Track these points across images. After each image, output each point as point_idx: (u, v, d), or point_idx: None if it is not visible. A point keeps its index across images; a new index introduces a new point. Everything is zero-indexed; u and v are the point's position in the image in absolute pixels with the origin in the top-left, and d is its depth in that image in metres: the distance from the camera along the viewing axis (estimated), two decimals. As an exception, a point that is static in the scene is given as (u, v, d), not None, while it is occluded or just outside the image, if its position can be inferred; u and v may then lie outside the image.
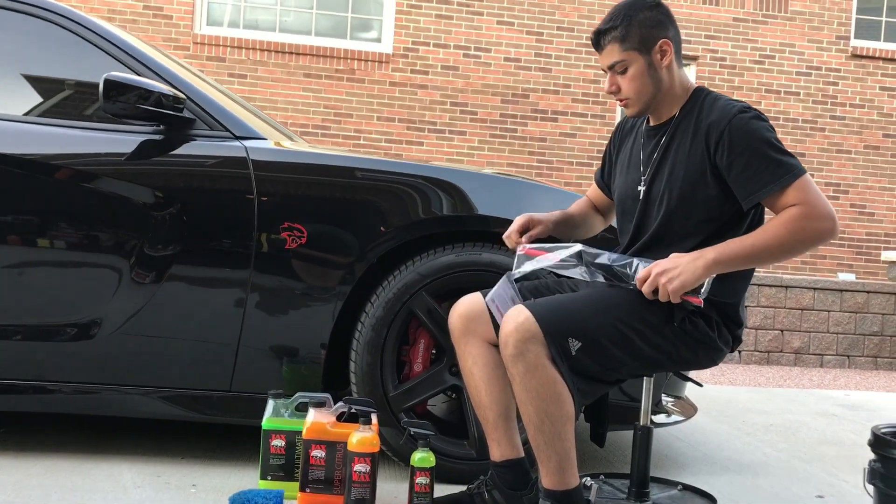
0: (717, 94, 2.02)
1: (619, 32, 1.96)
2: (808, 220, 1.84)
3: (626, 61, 1.97)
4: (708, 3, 8.57)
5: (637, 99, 2.01)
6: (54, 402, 2.45)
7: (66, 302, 2.41)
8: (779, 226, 1.85)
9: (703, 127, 1.95)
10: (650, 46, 1.96)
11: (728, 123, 1.90)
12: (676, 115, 2.03)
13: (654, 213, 2.04)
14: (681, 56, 2.04)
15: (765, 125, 1.91)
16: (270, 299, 2.45)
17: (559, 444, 1.86)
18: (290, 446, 2.24)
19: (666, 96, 2.02)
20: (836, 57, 8.74)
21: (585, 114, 8.41)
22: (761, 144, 1.88)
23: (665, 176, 2.01)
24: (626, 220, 2.14)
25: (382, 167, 2.55)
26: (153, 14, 7.85)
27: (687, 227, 1.98)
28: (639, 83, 1.98)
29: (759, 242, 1.85)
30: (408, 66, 8.20)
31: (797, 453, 3.28)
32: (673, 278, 1.82)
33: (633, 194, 2.10)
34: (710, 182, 1.94)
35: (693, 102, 2.02)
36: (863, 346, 6.35)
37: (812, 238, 1.85)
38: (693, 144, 1.97)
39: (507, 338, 1.84)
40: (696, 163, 1.95)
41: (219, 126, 2.51)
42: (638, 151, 2.12)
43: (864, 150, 8.79)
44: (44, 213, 2.43)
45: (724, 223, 1.97)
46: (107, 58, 2.54)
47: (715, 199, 1.95)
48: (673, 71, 2.01)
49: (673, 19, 2.01)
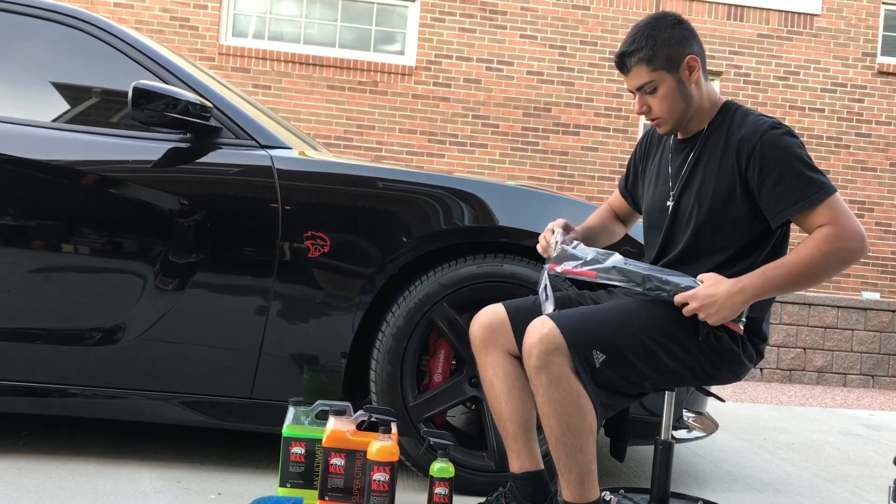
0: (748, 109, 2.01)
1: (646, 53, 1.94)
2: (840, 241, 1.83)
3: (654, 82, 1.96)
4: (732, 19, 8.54)
5: (669, 117, 2.00)
6: (77, 406, 2.47)
7: (90, 307, 2.44)
8: (812, 248, 1.84)
9: (733, 142, 1.94)
10: (678, 64, 1.95)
11: (759, 140, 1.89)
12: (706, 130, 2.02)
13: (682, 227, 2.03)
14: (706, 70, 2.04)
15: (796, 142, 1.90)
16: (292, 307, 2.46)
17: (581, 456, 1.85)
18: (309, 454, 2.24)
19: (696, 112, 2.01)
20: (861, 74, 8.68)
21: (608, 128, 8.40)
22: (792, 161, 1.87)
23: (694, 191, 2.00)
24: (653, 233, 2.14)
25: (405, 177, 2.56)
26: (179, 25, 7.94)
27: (715, 242, 1.98)
28: (670, 102, 1.98)
29: (794, 268, 1.85)
30: (430, 78, 8.23)
31: (820, 472, 3.24)
32: (712, 314, 1.84)
33: (661, 208, 2.09)
34: (740, 198, 1.93)
35: (723, 117, 2.01)
36: (887, 366, 6.27)
37: (844, 259, 1.85)
38: (723, 159, 1.96)
39: (531, 349, 1.83)
40: (726, 178, 1.95)
41: (244, 135, 2.54)
42: (666, 165, 2.11)
43: (890, 168, 8.71)
44: (71, 218, 2.46)
45: (752, 239, 1.96)
46: (135, 66, 2.57)
47: (744, 216, 1.94)
48: (701, 86, 2.00)
49: (696, 34, 2.01)
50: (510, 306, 2.09)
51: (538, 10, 8.34)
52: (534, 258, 2.52)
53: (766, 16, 8.57)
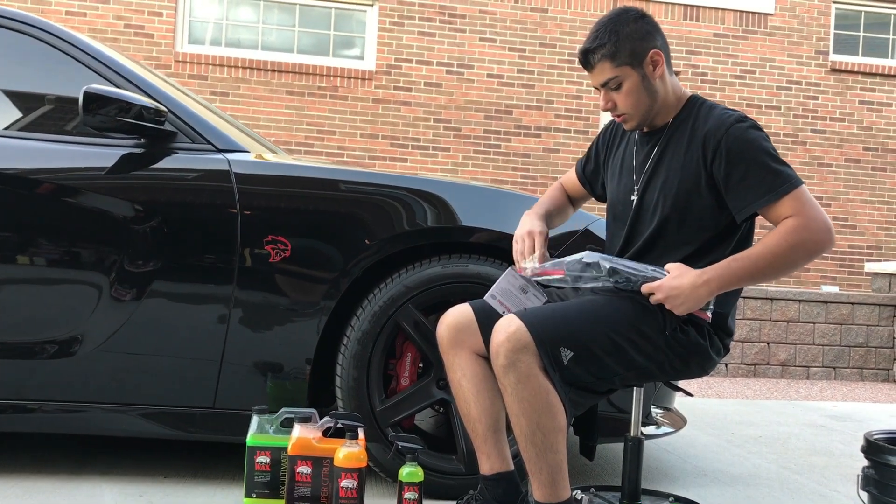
0: (713, 103, 2.01)
1: (609, 49, 1.93)
2: (806, 232, 1.83)
3: (619, 77, 1.94)
4: (689, 19, 8.64)
5: (635, 113, 1.99)
6: (34, 422, 2.39)
7: (44, 319, 2.36)
8: (778, 240, 1.84)
9: (698, 135, 1.94)
10: (641, 59, 1.94)
11: (725, 133, 1.88)
12: (671, 123, 2.02)
13: (646, 220, 2.02)
14: (671, 64, 2.03)
15: (762, 135, 1.90)
16: (254, 314, 2.41)
17: (551, 455, 1.83)
18: (275, 463, 2.20)
19: (662, 106, 2.00)
20: (815, 71, 8.82)
21: (568, 129, 8.43)
22: (758, 154, 1.87)
23: (659, 184, 1.99)
24: (617, 225, 2.13)
25: (366, 179, 2.53)
26: (134, 33, 7.82)
27: (680, 236, 1.97)
28: (635, 97, 1.96)
29: (760, 259, 1.84)
30: (391, 83, 8.20)
31: (787, 464, 3.26)
32: (677, 305, 1.84)
33: (625, 200, 2.08)
34: (705, 192, 1.93)
35: (688, 111, 2.01)
36: (848, 358, 6.36)
37: (810, 250, 1.84)
38: (688, 153, 1.95)
39: (499, 348, 1.81)
40: (691, 172, 1.94)
41: (201, 139, 2.48)
42: (631, 158, 2.10)
43: (845, 164, 8.86)
44: (22, 228, 2.39)
45: (717, 233, 1.96)
46: (87, 71, 2.50)
47: (709, 210, 1.94)
48: (666, 80, 1.99)
49: (659, 28, 2.00)
50: (477, 306, 2.07)
51: (497, 14, 8.36)
52: (499, 258, 2.50)
53: (722, 15, 8.68)
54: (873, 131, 8.90)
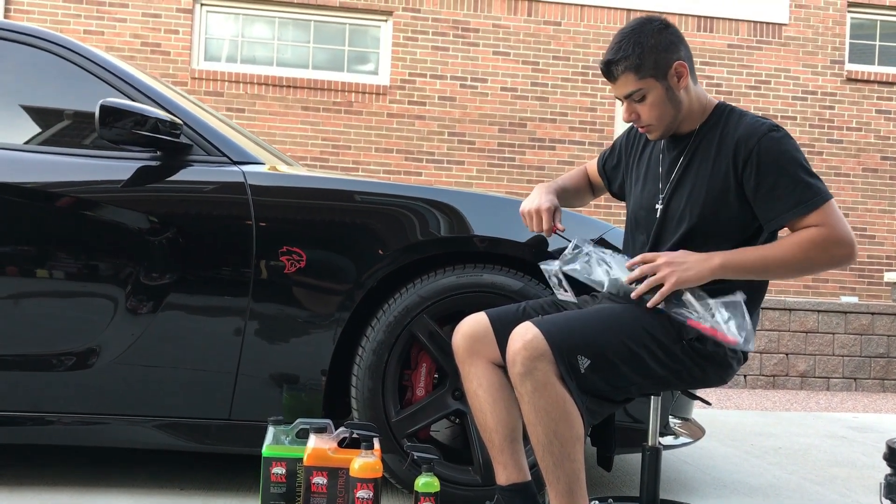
0: (743, 111, 2.00)
1: (633, 61, 1.90)
2: (827, 243, 1.83)
3: (643, 90, 1.92)
4: (703, 31, 8.63)
5: (659, 124, 1.97)
6: (52, 434, 2.40)
7: (62, 331, 2.38)
8: (795, 244, 1.84)
9: (728, 142, 1.92)
10: (666, 71, 1.92)
11: (757, 143, 1.87)
12: (698, 130, 2.00)
13: (671, 229, 2.00)
14: (695, 74, 2.00)
15: (795, 145, 1.89)
16: (269, 325, 2.41)
17: (568, 464, 1.82)
18: (290, 474, 2.19)
19: (686, 116, 1.99)
20: (831, 81, 8.78)
21: (583, 141, 8.43)
22: (790, 165, 1.86)
23: (686, 193, 1.97)
24: (638, 232, 2.10)
25: (379, 189, 2.53)
26: (151, 50, 7.90)
27: (705, 246, 1.94)
28: (659, 109, 1.95)
29: (770, 256, 1.84)
30: (405, 97, 8.24)
31: (808, 475, 3.22)
32: (675, 271, 1.83)
33: (649, 207, 2.05)
34: (733, 201, 1.92)
35: (717, 117, 1.99)
36: (869, 369, 6.29)
37: (827, 262, 1.85)
38: (717, 161, 1.93)
39: (515, 356, 1.80)
40: (720, 180, 1.92)
41: (216, 151, 2.50)
42: (656, 165, 2.08)
43: (863, 173, 8.80)
44: (41, 241, 2.41)
45: (740, 243, 1.94)
46: (103, 85, 2.53)
47: (736, 219, 1.93)
48: (690, 90, 1.97)
49: (682, 38, 1.97)
50: (493, 315, 2.06)
51: (510, 27, 8.38)
52: (514, 268, 2.50)
53: (736, 26, 8.67)
54: (891, 140, 8.84)
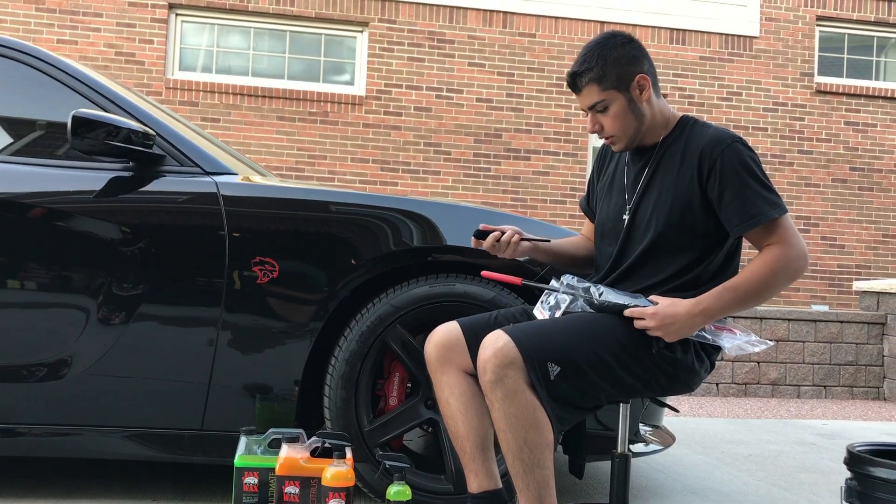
0: (706, 122, 2.05)
1: (596, 73, 1.96)
2: (788, 260, 1.90)
3: (605, 101, 1.98)
4: (675, 43, 8.74)
5: (622, 135, 2.02)
6: (24, 446, 2.39)
7: (33, 342, 2.37)
8: (763, 269, 1.90)
9: (692, 152, 1.97)
10: (628, 83, 1.98)
11: (721, 152, 1.92)
12: (661, 142, 2.04)
13: (638, 239, 2.04)
14: (658, 87, 2.06)
15: (756, 158, 1.95)
16: (242, 336, 2.42)
17: (538, 471, 1.84)
18: (263, 484, 2.19)
19: (649, 128, 2.03)
20: (801, 93, 8.92)
21: (558, 152, 8.49)
22: (749, 178, 1.91)
23: (651, 203, 2.02)
24: (605, 243, 2.14)
25: (352, 200, 2.55)
26: (125, 60, 7.87)
27: (669, 255, 1.99)
28: (622, 120, 2.00)
29: (749, 289, 1.90)
30: (381, 107, 8.26)
31: (777, 481, 3.27)
32: (671, 332, 1.88)
33: (616, 218, 2.10)
34: (698, 209, 1.96)
35: (680, 130, 2.04)
36: (838, 376, 6.38)
37: (791, 277, 1.92)
38: (681, 170, 1.98)
39: (486, 363, 1.82)
40: (684, 189, 1.97)
41: (189, 162, 2.50)
42: (622, 176, 2.12)
43: (833, 184, 8.94)
44: (12, 251, 2.40)
45: (706, 249, 1.99)
46: (76, 96, 2.53)
47: (701, 227, 1.97)
48: (653, 102, 2.02)
49: (646, 53, 2.03)
50: (465, 324, 2.08)
51: (485, 39, 8.44)
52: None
53: (708, 39, 8.79)
54: (859, 151, 8.98)
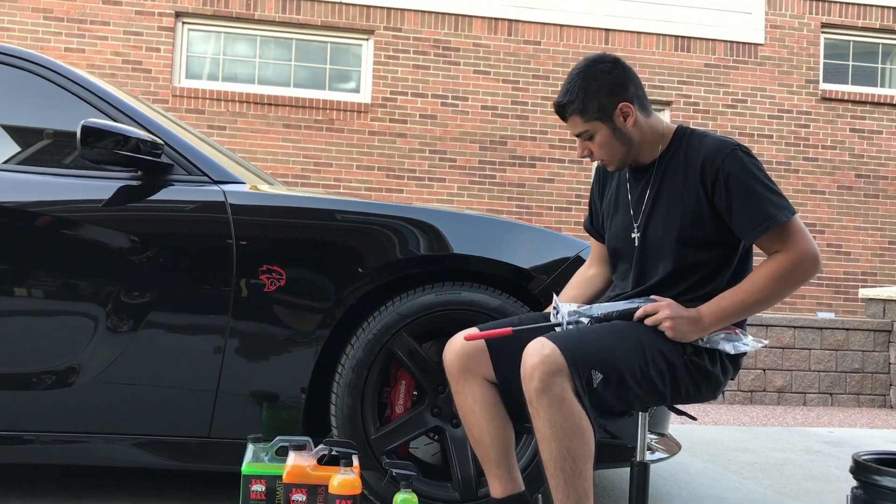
0: (703, 131, 2.05)
1: (577, 106, 1.97)
2: (794, 266, 1.90)
3: (590, 131, 1.99)
4: (680, 50, 8.75)
5: (611, 160, 2.04)
6: (32, 453, 2.40)
7: (42, 350, 2.38)
8: (768, 278, 1.90)
9: (694, 164, 1.97)
10: (611, 113, 1.98)
11: (722, 161, 1.92)
12: (660, 158, 2.04)
13: (654, 257, 2.04)
14: (646, 105, 2.05)
15: (757, 163, 1.95)
16: (249, 344, 2.43)
17: (580, 482, 1.82)
18: (270, 491, 2.20)
19: (641, 147, 2.04)
20: (806, 100, 8.93)
21: (563, 159, 8.51)
22: (755, 183, 1.91)
23: (661, 221, 2.02)
24: (622, 262, 2.14)
25: (359, 209, 2.56)
26: (132, 68, 7.91)
27: (689, 270, 2.00)
28: (608, 148, 2.01)
29: (750, 298, 1.91)
30: (386, 115, 8.28)
31: (783, 490, 3.27)
32: (678, 331, 1.89)
33: (625, 237, 2.10)
34: (708, 222, 1.97)
35: (678, 142, 2.04)
36: (845, 384, 6.37)
37: (800, 281, 1.92)
38: (686, 184, 1.98)
39: (533, 371, 1.80)
40: (692, 202, 1.97)
41: (196, 171, 2.52)
42: (625, 194, 2.12)
43: (838, 191, 8.93)
44: (22, 260, 2.41)
45: (723, 258, 2.00)
46: (85, 106, 2.54)
47: (714, 236, 1.98)
48: (641, 124, 2.02)
49: (630, 75, 2.02)
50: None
51: (490, 46, 8.47)
52: (492, 285, 2.53)
53: (713, 46, 8.80)
54: (865, 158, 8.98)
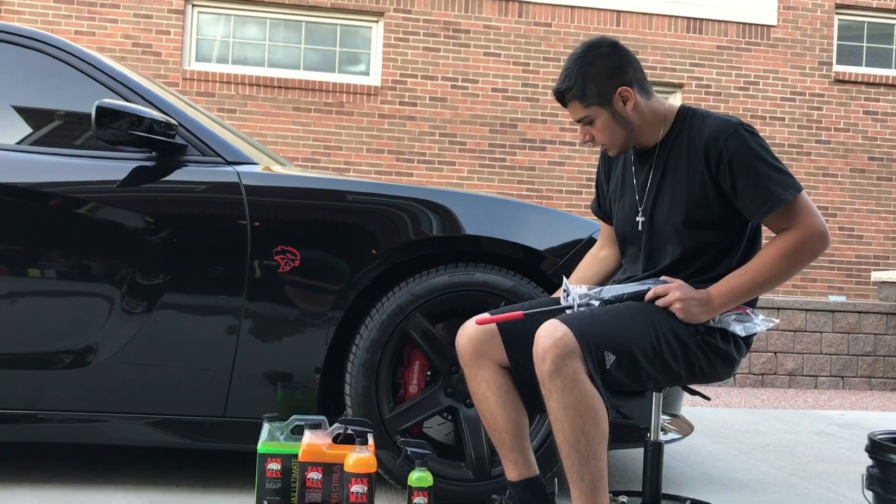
0: (706, 111, 2.04)
1: (576, 91, 1.96)
2: (804, 243, 1.89)
3: (590, 116, 1.99)
4: (692, 32, 8.69)
5: (613, 144, 2.03)
6: (48, 432, 2.42)
7: (59, 330, 2.39)
8: (776, 256, 1.90)
9: (697, 144, 1.96)
10: (610, 97, 1.96)
11: (726, 141, 1.91)
12: (663, 140, 2.04)
13: (662, 239, 2.04)
14: (647, 88, 2.03)
15: (761, 141, 1.95)
16: (264, 324, 2.44)
17: (594, 462, 1.83)
18: (286, 470, 2.22)
19: (642, 130, 2.03)
20: (819, 82, 8.86)
21: (573, 142, 8.48)
22: (759, 162, 1.91)
23: (667, 204, 2.01)
24: (630, 246, 2.14)
25: (373, 189, 2.56)
26: (142, 51, 7.91)
27: (697, 253, 2.00)
28: (609, 132, 2.00)
29: (759, 277, 1.91)
30: (396, 98, 8.26)
31: (795, 471, 3.27)
32: (688, 312, 1.90)
33: (631, 221, 2.09)
34: (714, 203, 1.96)
35: (680, 123, 2.03)
36: (856, 367, 6.35)
37: (809, 259, 1.93)
38: (690, 166, 1.97)
39: (545, 353, 1.80)
40: (696, 183, 1.96)
41: (210, 152, 2.52)
42: (630, 178, 2.11)
43: (851, 174, 8.88)
44: (35, 240, 2.43)
45: (730, 239, 2.00)
46: (98, 86, 2.55)
47: (720, 217, 1.97)
48: (641, 108, 2.00)
49: (629, 58, 2.00)
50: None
51: (501, 28, 8.43)
52: (505, 266, 2.53)
53: (725, 28, 8.74)
54: (878, 141, 8.92)
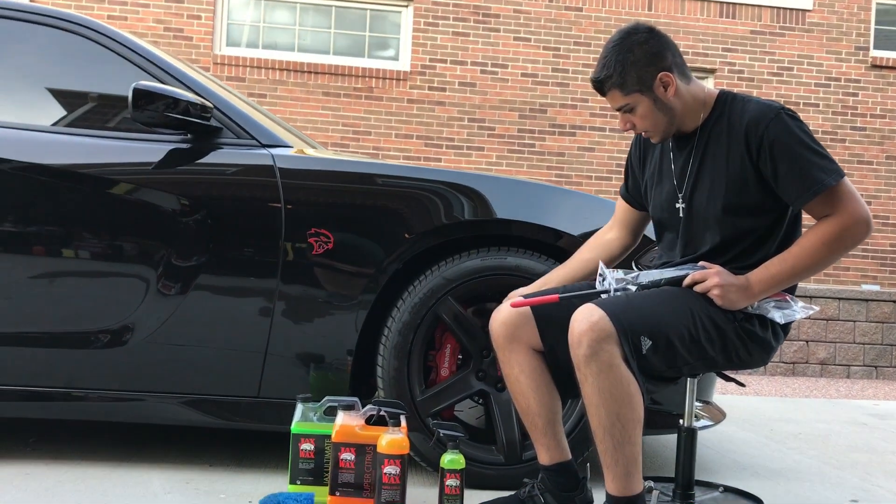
0: (746, 96, 2.01)
1: (616, 80, 1.94)
2: (847, 230, 1.87)
3: (630, 104, 1.96)
4: (725, 17, 8.57)
5: (655, 130, 2.01)
6: (85, 410, 2.46)
7: (94, 310, 2.43)
8: (817, 243, 1.87)
9: (738, 131, 1.94)
10: (650, 83, 1.94)
11: (766, 127, 1.89)
12: (703, 125, 2.02)
13: (701, 226, 2.02)
14: (686, 73, 2.01)
15: (803, 126, 1.92)
16: (297, 306, 2.46)
17: (628, 448, 1.82)
18: (319, 450, 2.24)
19: (683, 115, 2.01)
20: (855, 67, 8.70)
21: (603, 128, 8.41)
22: (800, 147, 1.88)
23: (706, 190, 1.99)
24: (668, 233, 2.13)
25: (406, 173, 2.56)
26: (174, 36, 7.95)
27: (737, 239, 1.98)
28: (651, 119, 1.98)
29: (799, 263, 1.89)
30: (425, 83, 8.24)
31: (828, 460, 3.24)
32: (723, 296, 1.88)
33: (670, 208, 2.08)
34: (754, 189, 1.94)
35: (720, 108, 2.00)
36: (890, 357, 6.27)
37: (850, 246, 1.91)
38: (730, 151, 1.95)
39: (581, 337, 1.79)
40: (737, 169, 1.94)
41: (245, 134, 2.54)
42: (669, 164, 2.09)
43: (886, 161, 8.72)
44: (73, 221, 2.46)
45: (770, 224, 1.98)
46: (134, 69, 2.57)
47: (760, 203, 1.95)
48: (682, 93, 1.98)
49: (668, 44, 1.98)
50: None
51: (531, 13, 8.36)
52: (537, 251, 2.52)
53: (759, 12, 8.60)
54: (915, 128, 8.75)
